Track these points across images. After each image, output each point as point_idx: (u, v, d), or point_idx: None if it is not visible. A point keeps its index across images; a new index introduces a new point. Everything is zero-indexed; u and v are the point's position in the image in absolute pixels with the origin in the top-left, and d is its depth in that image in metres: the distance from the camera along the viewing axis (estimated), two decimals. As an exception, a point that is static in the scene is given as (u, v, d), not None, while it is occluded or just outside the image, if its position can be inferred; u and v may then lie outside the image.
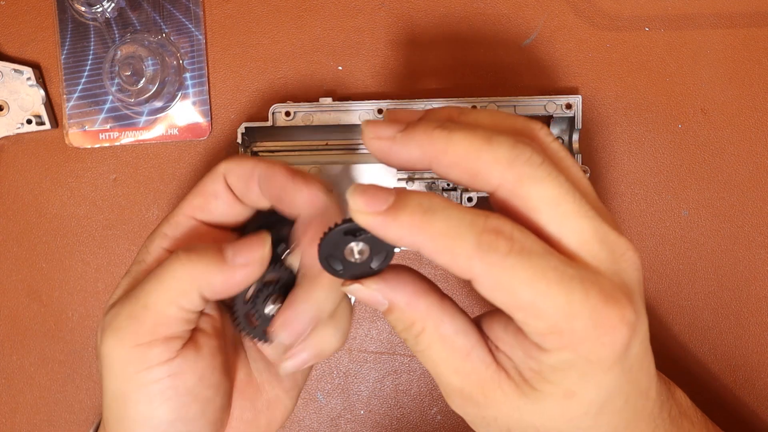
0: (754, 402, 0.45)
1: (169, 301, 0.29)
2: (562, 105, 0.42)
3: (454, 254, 0.24)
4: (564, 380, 0.26)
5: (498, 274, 0.24)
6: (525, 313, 0.25)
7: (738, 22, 0.45)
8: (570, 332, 0.24)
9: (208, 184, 0.32)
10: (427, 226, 0.24)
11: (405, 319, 0.27)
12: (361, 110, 0.43)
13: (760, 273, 0.44)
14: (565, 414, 0.26)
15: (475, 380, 0.27)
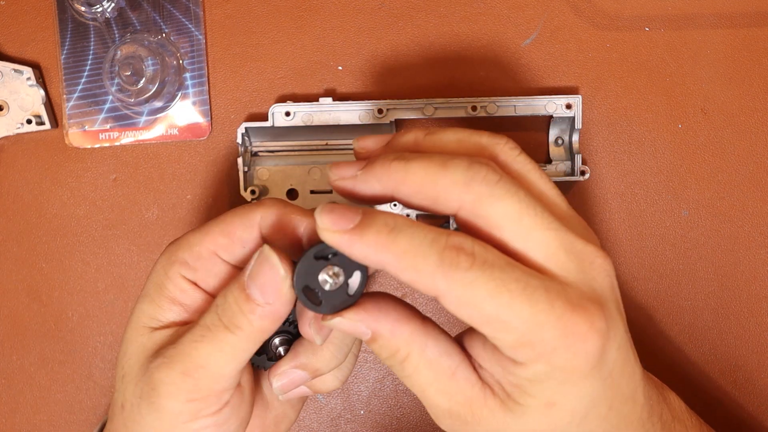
0: (755, 402, 0.45)
1: (227, 362, 0.29)
2: (562, 105, 0.42)
3: (418, 271, 0.25)
4: (543, 392, 0.26)
5: (461, 289, 0.25)
6: (492, 327, 0.25)
7: (738, 22, 0.45)
8: (540, 343, 0.25)
9: (239, 230, 0.30)
10: (391, 245, 0.25)
11: (389, 347, 0.28)
12: (361, 110, 0.43)
13: (760, 273, 0.44)
14: (549, 425, 0.27)
15: (461, 400, 0.27)
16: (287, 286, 0.28)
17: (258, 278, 0.28)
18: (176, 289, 0.31)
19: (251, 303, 0.28)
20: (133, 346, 0.30)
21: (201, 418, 0.29)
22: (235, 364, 0.29)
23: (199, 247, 0.30)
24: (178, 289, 0.30)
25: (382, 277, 0.46)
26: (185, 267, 0.30)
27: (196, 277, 0.31)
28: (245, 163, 0.43)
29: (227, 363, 0.29)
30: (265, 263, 0.28)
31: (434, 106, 0.42)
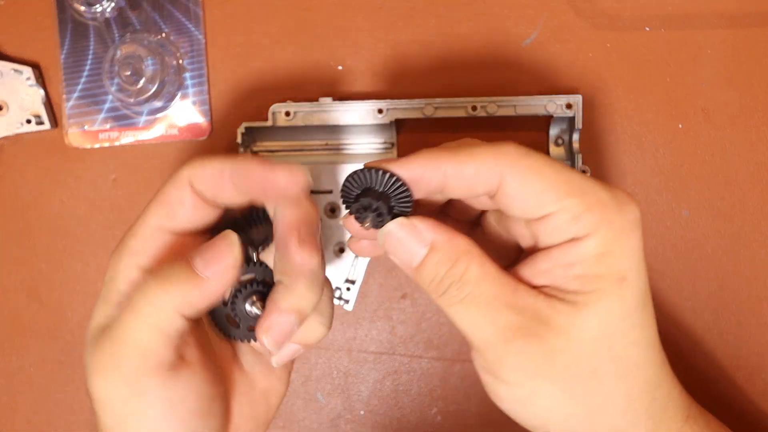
0: (755, 403, 0.45)
1: (150, 331, 0.28)
2: (562, 105, 0.42)
3: (480, 163, 0.28)
4: (612, 265, 0.27)
5: (527, 160, 0.27)
6: (557, 194, 0.27)
7: (738, 22, 0.44)
8: (597, 203, 0.27)
9: (172, 192, 0.30)
10: (445, 153, 0.28)
11: (450, 256, 0.28)
12: (361, 110, 0.43)
13: (760, 273, 0.44)
14: (623, 306, 0.27)
15: (531, 312, 0.27)
16: (232, 267, 0.29)
17: (208, 252, 0.29)
18: (126, 282, 0.30)
19: (193, 272, 0.28)
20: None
21: (146, 398, 0.28)
22: (159, 334, 0.28)
23: (142, 229, 0.30)
24: (129, 281, 0.30)
25: (382, 278, 0.46)
26: (133, 254, 0.30)
27: (147, 260, 0.30)
28: (245, 163, 0.43)
29: (151, 332, 0.28)
30: (223, 241, 0.29)
31: (434, 106, 0.42)
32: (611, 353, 0.28)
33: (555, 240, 0.28)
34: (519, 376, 0.28)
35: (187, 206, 0.30)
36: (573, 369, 0.27)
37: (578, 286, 0.27)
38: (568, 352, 0.27)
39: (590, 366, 0.27)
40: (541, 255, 0.28)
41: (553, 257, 0.28)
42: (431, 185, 0.28)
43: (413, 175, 0.28)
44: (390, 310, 0.46)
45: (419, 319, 0.46)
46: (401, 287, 0.46)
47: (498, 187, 0.28)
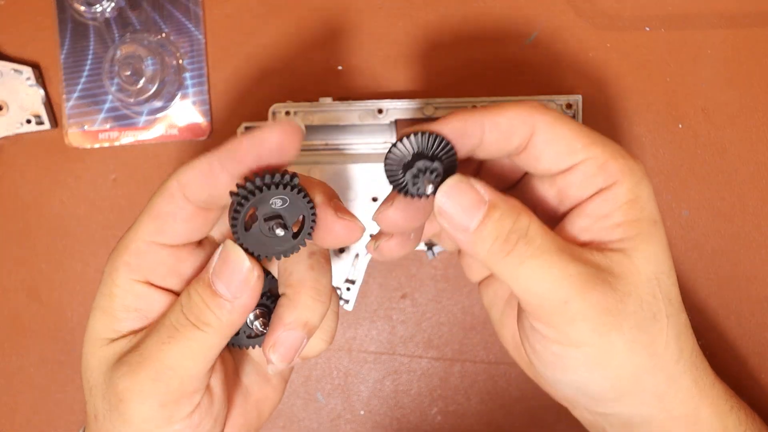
0: (756, 403, 0.45)
1: (197, 362, 0.28)
2: (562, 105, 0.42)
3: (514, 114, 0.29)
4: (644, 209, 0.29)
5: (551, 117, 0.29)
6: (584, 143, 0.29)
7: (738, 22, 0.44)
8: (618, 152, 0.29)
9: (163, 205, 0.28)
10: (482, 110, 0.29)
11: (513, 212, 0.28)
12: (361, 110, 0.43)
13: (760, 273, 0.44)
14: (661, 245, 0.29)
15: (594, 263, 0.28)
16: (255, 277, 0.27)
17: (223, 274, 0.28)
18: (128, 295, 0.29)
19: (218, 299, 0.28)
20: (94, 359, 0.29)
21: (175, 423, 0.28)
22: (205, 363, 0.28)
23: (135, 243, 0.29)
24: (131, 294, 0.29)
25: (382, 278, 0.46)
26: (130, 269, 0.29)
27: (144, 275, 0.29)
28: (245, 163, 0.43)
29: (198, 362, 0.28)
30: (229, 257, 0.28)
31: (434, 106, 0.42)
32: (663, 294, 0.29)
33: (585, 192, 0.29)
34: (592, 335, 0.28)
35: (180, 219, 0.28)
36: (639, 314, 0.28)
37: (621, 233, 0.29)
38: (633, 297, 0.28)
39: (651, 309, 0.29)
40: (575, 213, 0.30)
41: (588, 212, 0.29)
42: (472, 140, 0.29)
43: (456, 131, 0.29)
44: (390, 310, 0.46)
45: (419, 319, 0.46)
46: (401, 287, 0.46)
47: (529, 139, 0.29)
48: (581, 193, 0.29)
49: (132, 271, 0.29)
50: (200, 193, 0.28)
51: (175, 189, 0.28)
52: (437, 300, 0.46)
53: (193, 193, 0.28)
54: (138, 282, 0.29)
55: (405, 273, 0.46)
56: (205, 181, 0.27)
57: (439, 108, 0.42)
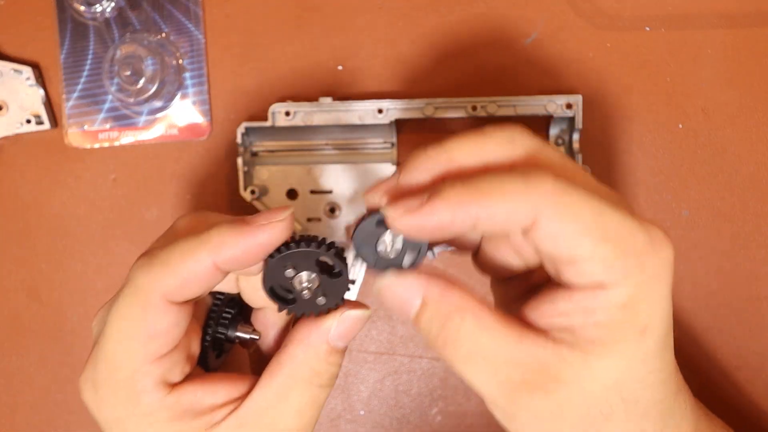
0: (756, 403, 0.45)
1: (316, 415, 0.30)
2: (562, 105, 0.42)
3: (510, 202, 0.25)
4: (637, 316, 0.25)
5: (560, 197, 0.25)
6: (592, 237, 0.25)
7: (738, 22, 0.44)
8: (633, 250, 0.25)
9: (152, 324, 0.27)
10: (475, 193, 0.25)
11: (441, 313, 0.26)
12: (361, 110, 0.43)
13: (760, 273, 0.44)
14: (641, 355, 0.26)
15: (537, 365, 0.26)
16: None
17: (348, 337, 0.29)
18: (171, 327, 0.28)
19: (342, 355, 0.30)
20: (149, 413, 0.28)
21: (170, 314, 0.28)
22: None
23: (129, 371, 0.28)
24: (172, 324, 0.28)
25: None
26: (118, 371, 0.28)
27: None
28: (245, 163, 0.43)
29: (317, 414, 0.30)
30: (356, 324, 0.29)
31: (434, 106, 0.42)
32: (623, 398, 0.26)
33: (580, 281, 0.26)
34: (529, 428, 0.27)
35: (174, 328, 0.28)
36: (584, 417, 0.26)
37: (596, 335, 0.25)
38: (577, 402, 0.26)
39: (601, 412, 0.26)
40: (562, 295, 0.26)
41: (575, 300, 0.26)
42: (460, 230, 0.26)
43: (441, 222, 0.25)
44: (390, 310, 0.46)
45: (419, 319, 0.46)
46: (401, 287, 0.46)
47: (530, 227, 0.26)
48: (576, 280, 0.26)
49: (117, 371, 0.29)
50: (193, 296, 0.28)
51: (160, 301, 0.27)
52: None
53: (185, 298, 0.28)
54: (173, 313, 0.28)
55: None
56: (200, 287, 0.28)
57: (439, 108, 0.42)
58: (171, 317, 0.28)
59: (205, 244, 0.27)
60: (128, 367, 0.28)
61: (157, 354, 0.28)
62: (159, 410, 0.28)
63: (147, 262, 0.28)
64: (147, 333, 0.27)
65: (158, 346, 0.28)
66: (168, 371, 0.28)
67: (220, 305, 0.32)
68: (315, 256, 0.28)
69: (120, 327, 0.28)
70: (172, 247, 0.28)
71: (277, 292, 0.29)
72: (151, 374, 0.28)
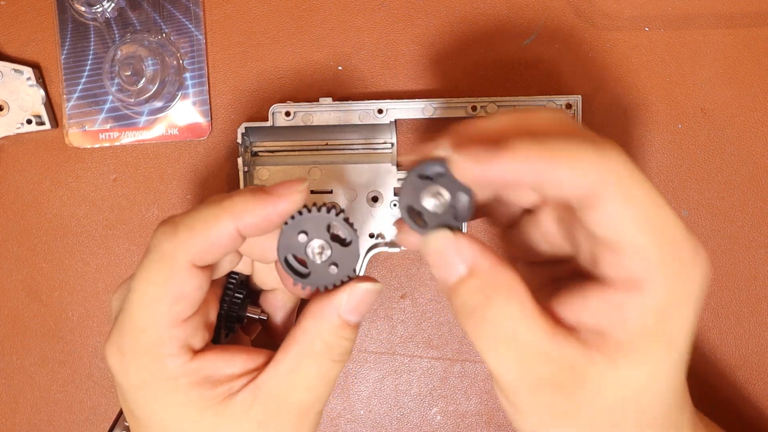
0: (755, 403, 0.45)
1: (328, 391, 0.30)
2: (562, 105, 0.42)
3: (577, 166, 0.24)
4: (667, 326, 0.25)
5: (623, 174, 0.24)
6: (645, 228, 0.24)
7: (738, 22, 0.45)
8: (675, 255, 0.24)
9: (178, 286, 0.28)
10: (544, 150, 0.24)
11: (488, 288, 0.25)
12: (361, 110, 0.43)
13: (760, 273, 0.44)
14: (666, 369, 0.25)
15: (565, 365, 0.25)
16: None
17: (360, 310, 0.29)
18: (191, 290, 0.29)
19: (356, 330, 0.30)
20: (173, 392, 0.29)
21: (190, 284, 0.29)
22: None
23: (156, 331, 0.28)
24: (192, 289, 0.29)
25: (382, 278, 0.46)
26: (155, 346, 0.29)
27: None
28: (245, 163, 0.43)
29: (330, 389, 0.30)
30: (367, 297, 0.29)
31: (434, 106, 0.42)
32: (637, 408, 0.26)
33: (616, 274, 0.25)
34: (540, 424, 0.26)
35: (197, 290, 0.29)
36: (596, 421, 0.26)
37: (626, 340, 0.25)
38: (595, 406, 0.25)
39: (613, 418, 0.26)
40: (595, 292, 0.25)
41: (608, 300, 0.25)
42: (521, 185, 0.25)
43: (505, 175, 0.24)
44: (390, 310, 0.46)
45: (419, 319, 0.46)
46: (401, 287, 0.46)
47: (590, 198, 0.24)
48: (613, 273, 0.25)
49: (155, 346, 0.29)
50: (216, 259, 0.29)
51: (185, 265, 0.28)
52: (437, 300, 0.46)
53: (208, 262, 0.29)
54: None
55: (405, 273, 0.46)
56: (223, 251, 0.29)
57: (439, 108, 0.42)
58: (195, 281, 0.28)
59: (229, 210, 0.28)
60: (154, 331, 0.28)
61: (181, 317, 0.28)
62: (181, 375, 0.28)
63: (171, 229, 0.28)
64: (173, 296, 0.28)
65: (182, 309, 0.28)
66: (190, 336, 0.29)
67: (233, 287, 0.33)
68: (326, 221, 0.29)
69: (146, 291, 0.28)
70: (195, 212, 0.28)
71: (291, 264, 0.29)
72: (175, 338, 0.28)
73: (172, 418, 0.28)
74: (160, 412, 0.29)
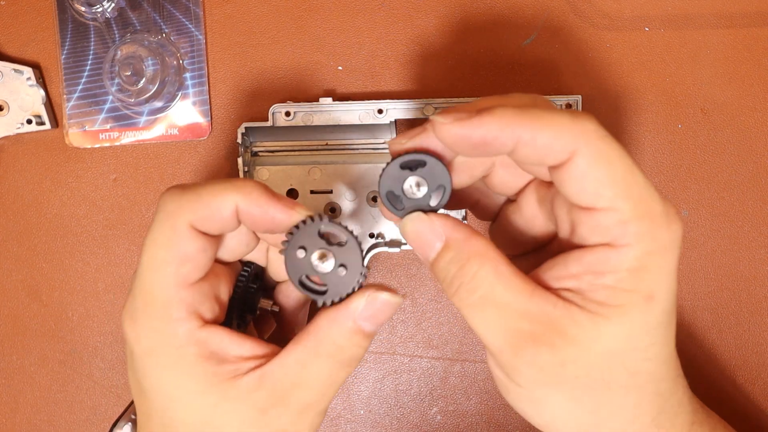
0: (756, 402, 0.45)
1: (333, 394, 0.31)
2: (562, 105, 0.42)
3: (555, 129, 0.26)
4: (643, 282, 0.26)
5: (599, 142, 0.26)
6: (617, 189, 0.26)
7: (738, 22, 0.45)
8: (649, 214, 0.26)
9: (182, 247, 0.29)
10: (523, 114, 0.26)
11: (462, 257, 0.27)
12: (361, 110, 0.43)
13: (760, 273, 0.44)
14: (646, 323, 0.27)
15: (546, 321, 0.26)
16: None
17: (377, 320, 0.29)
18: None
19: (370, 338, 0.30)
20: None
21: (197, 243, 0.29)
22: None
23: (164, 291, 0.29)
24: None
25: (382, 278, 0.46)
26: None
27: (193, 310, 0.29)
28: (245, 163, 0.43)
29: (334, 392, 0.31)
30: (385, 308, 0.29)
31: (434, 106, 0.42)
32: (625, 367, 0.27)
33: (593, 237, 0.26)
34: (529, 383, 0.27)
35: (197, 246, 0.29)
36: (583, 379, 0.27)
37: (604, 297, 0.26)
38: (581, 363, 0.26)
39: (602, 378, 0.27)
40: (573, 257, 0.27)
41: (585, 261, 0.27)
42: (501, 148, 0.27)
43: (486, 136, 0.26)
44: (390, 310, 0.46)
45: (419, 319, 0.46)
46: (401, 287, 0.46)
47: (565, 162, 0.26)
48: (589, 237, 0.27)
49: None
50: (219, 231, 0.30)
51: (188, 227, 0.29)
52: (437, 300, 0.46)
53: (210, 230, 0.29)
54: None
55: (405, 273, 0.46)
56: (225, 224, 0.29)
57: (439, 108, 0.42)
58: (199, 242, 0.29)
59: (237, 188, 0.29)
60: (162, 292, 0.28)
61: (189, 280, 0.29)
62: (190, 344, 0.28)
63: (179, 192, 0.29)
64: (178, 257, 0.28)
65: (189, 271, 0.29)
66: (198, 302, 0.29)
67: (246, 276, 0.33)
68: (315, 229, 0.29)
69: (153, 254, 0.29)
70: (205, 183, 0.29)
71: (306, 284, 0.30)
72: (183, 301, 0.28)
73: (178, 389, 0.28)
74: (166, 382, 0.29)
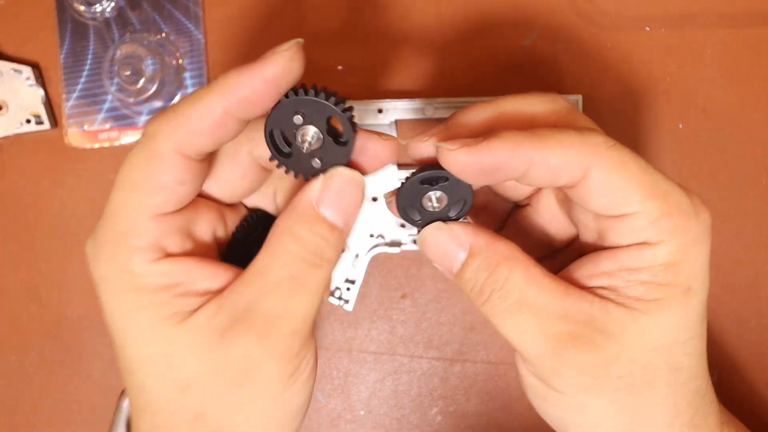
0: (755, 404, 0.45)
1: (317, 302, 0.27)
2: (562, 105, 0.42)
3: (566, 149, 0.25)
4: (680, 275, 0.26)
5: (613, 153, 0.25)
6: (641, 193, 0.25)
7: (738, 22, 0.44)
8: (677, 210, 0.26)
9: (158, 177, 0.26)
10: (531, 137, 0.25)
11: (490, 263, 0.26)
12: (361, 110, 0.43)
13: (760, 273, 0.44)
14: (686, 316, 0.26)
15: (584, 319, 0.25)
16: (363, 196, 0.27)
17: (337, 203, 0.26)
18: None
19: (336, 231, 0.26)
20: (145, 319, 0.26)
21: (295, 383, 0.26)
22: (320, 299, 0.27)
23: (142, 224, 0.26)
24: None
25: (382, 278, 0.46)
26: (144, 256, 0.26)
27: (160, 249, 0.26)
28: (245, 163, 0.43)
29: (317, 302, 0.26)
30: (344, 186, 0.26)
31: (434, 106, 0.42)
32: (667, 363, 0.26)
33: (625, 240, 0.26)
34: (571, 387, 0.26)
35: (182, 184, 0.26)
36: (627, 379, 0.26)
37: (641, 292, 0.26)
38: (623, 360, 0.26)
39: (644, 376, 0.26)
40: (605, 255, 0.26)
41: (619, 259, 0.26)
42: (513, 173, 0.26)
43: (497, 162, 0.25)
44: (390, 310, 0.46)
45: (419, 319, 0.46)
46: (401, 287, 0.46)
47: (580, 180, 0.26)
48: (621, 240, 0.26)
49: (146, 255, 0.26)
50: (205, 148, 0.26)
51: (169, 151, 0.25)
52: (437, 300, 0.46)
53: (196, 150, 0.26)
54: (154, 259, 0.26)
55: (405, 273, 0.46)
56: (211, 136, 0.25)
57: (439, 108, 0.42)
58: (178, 171, 0.26)
59: (215, 90, 0.25)
60: (126, 218, 0.26)
61: (158, 210, 0.26)
62: (147, 275, 0.26)
63: (161, 113, 0.26)
64: (152, 183, 0.25)
65: (161, 200, 0.26)
66: (165, 236, 0.26)
67: (248, 223, 0.30)
68: (329, 112, 0.26)
69: (128, 176, 0.26)
70: (184, 98, 0.26)
71: (275, 140, 0.27)
72: (147, 231, 0.26)
73: (130, 320, 0.26)
74: (120, 314, 0.26)
